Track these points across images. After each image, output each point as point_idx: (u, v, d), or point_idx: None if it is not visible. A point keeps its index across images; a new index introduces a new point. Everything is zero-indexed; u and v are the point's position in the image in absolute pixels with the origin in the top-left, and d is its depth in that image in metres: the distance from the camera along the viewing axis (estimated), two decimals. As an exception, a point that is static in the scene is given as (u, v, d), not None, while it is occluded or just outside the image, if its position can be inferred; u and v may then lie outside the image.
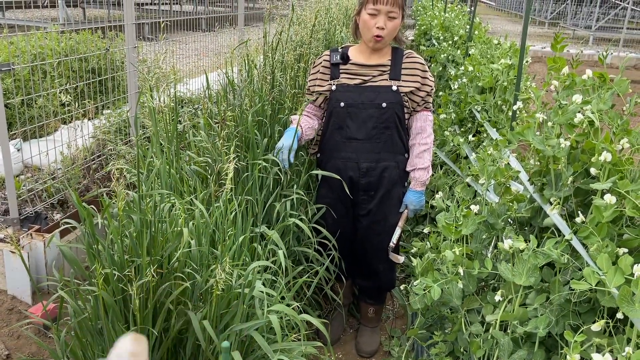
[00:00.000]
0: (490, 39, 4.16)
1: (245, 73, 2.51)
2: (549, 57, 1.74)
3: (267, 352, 1.37)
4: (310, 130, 2.25)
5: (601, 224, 1.34)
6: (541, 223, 1.73)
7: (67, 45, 3.57)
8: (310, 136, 2.26)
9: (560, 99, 1.64)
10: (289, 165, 2.14)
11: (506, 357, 1.53)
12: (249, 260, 1.72)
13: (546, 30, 16.46)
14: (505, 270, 1.51)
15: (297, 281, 1.84)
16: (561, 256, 1.40)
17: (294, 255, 2.27)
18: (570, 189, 1.59)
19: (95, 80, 3.30)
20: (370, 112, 2.13)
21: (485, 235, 1.90)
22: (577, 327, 1.42)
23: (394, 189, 2.24)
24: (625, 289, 1.13)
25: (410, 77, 2.15)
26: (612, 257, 1.27)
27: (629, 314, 1.12)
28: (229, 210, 1.78)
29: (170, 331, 1.47)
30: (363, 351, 2.41)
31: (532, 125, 1.73)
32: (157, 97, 2.07)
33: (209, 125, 2.37)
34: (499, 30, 12.43)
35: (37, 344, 2.22)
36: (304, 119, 2.25)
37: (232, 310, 1.50)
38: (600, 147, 1.37)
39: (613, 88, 1.60)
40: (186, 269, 1.55)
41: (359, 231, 2.31)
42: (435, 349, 1.88)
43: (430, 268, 1.90)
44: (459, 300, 1.75)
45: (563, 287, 1.49)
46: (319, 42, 2.70)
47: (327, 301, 2.56)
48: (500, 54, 3.34)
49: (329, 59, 2.21)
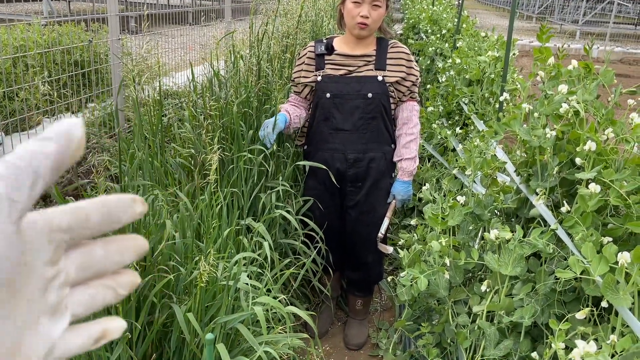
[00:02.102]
0: (478, 32, 4.16)
1: (231, 64, 2.48)
2: (536, 48, 1.74)
3: (253, 344, 1.35)
4: (297, 118, 2.23)
5: (586, 213, 1.34)
6: (527, 214, 1.73)
7: (50, 37, 3.52)
8: (297, 124, 2.24)
9: (547, 89, 1.64)
10: (270, 143, 2.11)
11: (492, 347, 1.53)
12: (234, 253, 1.70)
13: (533, 24, 16.54)
14: (491, 260, 1.51)
15: (284, 273, 1.83)
16: (547, 246, 1.40)
17: (280, 247, 2.25)
18: (556, 179, 1.59)
19: (79, 73, 3.25)
20: (356, 102, 2.12)
21: (472, 226, 1.90)
22: (562, 316, 1.42)
23: (382, 179, 2.23)
24: (610, 277, 1.13)
25: (396, 67, 2.14)
26: (596, 246, 1.27)
27: (613, 302, 1.12)
28: (214, 202, 1.76)
29: (154, 324, 1.45)
30: (351, 344, 2.40)
31: (518, 116, 1.73)
32: (141, 89, 2.04)
33: (193, 117, 2.35)
34: (486, 24, 12.46)
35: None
36: (290, 107, 2.23)
37: (217, 303, 1.48)
38: (585, 137, 1.37)
39: (598, 79, 1.61)
40: (170, 261, 1.53)
41: (347, 223, 2.30)
42: (423, 340, 1.88)
43: (417, 260, 1.90)
44: (445, 292, 1.75)
45: (549, 276, 1.49)
46: (305, 33, 2.68)
47: (315, 294, 2.56)
48: (488, 46, 3.34)
49: (314, 50, 2.19)
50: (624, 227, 1.29)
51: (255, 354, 1.41)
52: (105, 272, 0.32)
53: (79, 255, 0.31)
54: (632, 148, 1.40)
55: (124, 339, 1.34)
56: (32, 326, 0.29)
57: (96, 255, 0.32)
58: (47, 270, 0.29)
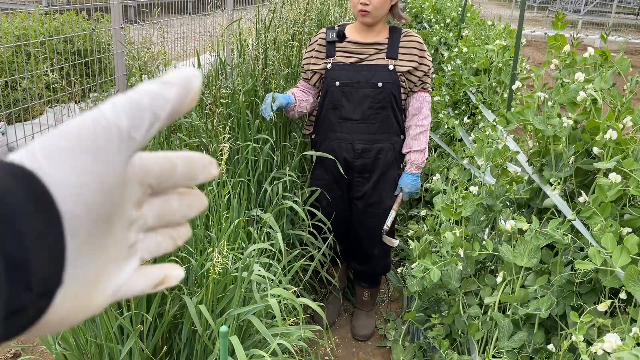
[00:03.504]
0: (484, 20, 4.12)
1: (237, 52, 2.45)
2: (550, 36, 1.71)
3: (266, 337, 1.34)
4: (303, 103, 2.19)
5: (604, 203, 1.32)
6: (540, 204, 1.71)
7: (51, 26, 3.47)
8: (303, 109, 2.20)
9: (562, 77, 1.61)
10: (268, 115, 2.06)
11: (506, 339, 1.52)
12: (245, 244, 1.68)
13: (535, 14, 16.44)
14: (506, 251, 1.49)
15: (293, 265, 1.81)
16: (564, 237, 1.38)
17: (288, 238, 2.23)
18: (570, 169, 1.56)
19: (82, 62, 3.21)
20: (366, 91, 2.09)
21: (483, 217, 1.88)
22: (578, 307, 1.41)
23: (389, 171, 2.20)
24: (632, 269, 1.11)
25: (408, 57, 2.10)
26: (616, 237, 1.25)
27: (635, 293, 1.11)
28: (223, 193, 1.74)
29: (165, 316, 1.43)
30: (359, 335, 2.39)
31: (531, 105, 1.71)
32: (148, 78, 2.01)
33: (199, 106, 2.32)
34: (489, 15, 12.38)
35: (26, 331, 2.17)
36: (298, 92, 2.20)
37: (229, 295, 1.46)
38: (605, 126, 1.35)
39: (614, 67, 1.58)
40: (180, 252, 1.51)
41: (354, 214, 2.28)
42: (433, 332, 1.87)
43: (427, 251, 1.88)
44: (457, 283, 1.73)
45: (564, 268, 1.47)
46: (311, 21, 2.64)
47: (322, 285, 2.54)
48: (495, 35, 3.31)
49: (325, 37, 2.16)
50: (644, 217, 1.27)
51: (267, 345, 1.40)
52: (174, 223, 0.34)
53: (159, 203, 0.32)
54: (651, 137, 1.38)
55: (135, 330, 1.32)
56: (113, 262, 0.30)
57: (172, 206, 0.33)
58: (133, 212, 0.30)
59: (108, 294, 0.30)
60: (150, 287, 0.32)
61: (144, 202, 0.31)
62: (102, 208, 0.27)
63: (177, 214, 0.33)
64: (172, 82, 0.29)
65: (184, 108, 0.29)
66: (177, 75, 0.29)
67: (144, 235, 0.32)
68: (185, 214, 0.34)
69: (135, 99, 0.28)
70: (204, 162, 0.33)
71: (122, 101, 0.28)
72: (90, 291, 0.28)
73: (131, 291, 0.31)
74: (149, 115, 0.28)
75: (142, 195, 0.30)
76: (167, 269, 0.33)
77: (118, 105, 0.27)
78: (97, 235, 0.27)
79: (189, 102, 0.29)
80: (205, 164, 0.33)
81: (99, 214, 0.27)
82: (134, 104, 0.28)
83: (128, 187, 0.29)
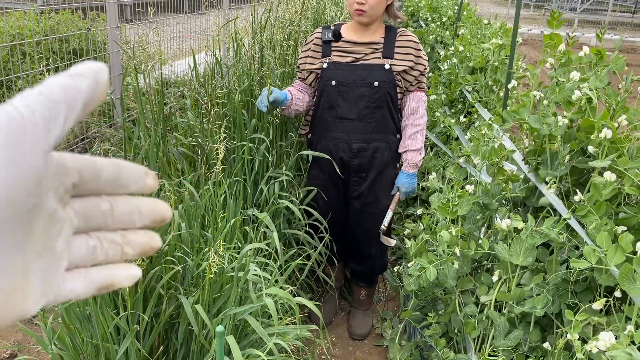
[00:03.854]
0: (480, 19, 4.12)
1: (232, 52, 2.45)
2: (545, 35, 1.71)
3: (263, 336, 1.34)
4: (300, 101, 2.19)
5: (599, 202, 1.33)
6: (536, 203, 1.71)
7: (47, 25, 3.46)
8: (299, 107, 2.20)
9: (558, 76, 1.62)
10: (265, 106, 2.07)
11: (502, 337, 1.52)
12: (241, 244, 1.68)
13: (531, 12, 16.46)
14: (502, 250, 1.49)
15: (290, 264, 1.81)
16: (559, 235, 1.39)
17: (284, 237, 2.23)
18: (566, 167, 1.57)
19: (77, 62, 3.20)
20: (362, 91, 2.09)
21: (479, 215, 1.88)
22: (574, 306, 1.41)
23: (386, 170, 2.21)
24: (627, 267, 1.11)
25: (404, 56, 2.10)
26: (611, 235, 1.26)
27: (630, 292, 1.11)
28: (219, 192, 1.73)
29: (161, 316, 1.43)
30: (355, 334, 2.40)
31: (527, 103, 1.71)
32: (144, 77, 2.01)
33: (195, 106, 2.32)
34: (485, 13, 12.39)
35: (22, 332, 2.17)
36: (294, 90, 2.20)
37: (225, 294, 1.46)
38: (600, 124, 1.35)
39: (609, 66, 1.58)
40: (177, 252, 1.51)
41: (351, 214, 2.28)
42: (430, 330, 1.87)
43: (423, 250, 1.88)
44: (454, 281, 1.74)
45: (559, 266, 1.48)
46: (307, 20, 2.64)
47: (318, 284, 2.54)
48: (491, 33, 3.31)
49: (321, 37, 2.16)
50: (639, 216, 1.28)
51: (263, 345, 1.40)
52: (113, 228, 0.32)
53: (82, 203, 0.31)
54: (646, 136, 1.38)
55: (132, 331, 1.32)
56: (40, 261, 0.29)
57: (100, 208, 0.32)
58: (56, 209, 0.29)
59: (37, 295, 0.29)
60: (92, 290, 0.32)
61: (68, 201, 0.30)
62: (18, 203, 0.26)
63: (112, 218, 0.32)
64: (82, 74, 0.29)
65: (95, 101, 0.29)
66: (86, 68, 0.29)
67: (72, 237, 0.31)
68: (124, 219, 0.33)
69: (47, 93, 0.27)
70: (138, 172, 0.33)
71: (34, 95, 0.27)
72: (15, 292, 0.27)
73: (67, 294, 0.30)
74: (63, 108, 0.28)
75: (64, 193, 0.30)
76: (113, 271, 0.32)
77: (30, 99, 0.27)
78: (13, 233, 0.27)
79: (99, 95, 0.29)
80: (139, 174, 0.33)
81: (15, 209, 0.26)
82: (46, 98, 0.27)
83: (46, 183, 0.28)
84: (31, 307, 0.29)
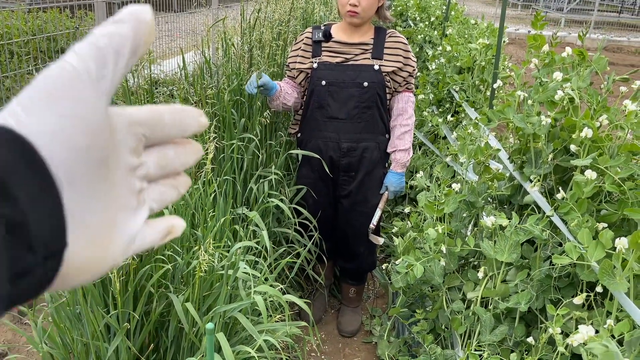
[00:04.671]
0: (468, 19, 4.16)
1: (221, 51, 2.46)
2: (529, 35, 1.74)
3: (252, 334, 1.36)
4: (289, 96, 2.20)
5: (581, 199, 1.36)
6: (521, 201, 1.75)
7: (34, 24, 3.44)
8: (288, 102, 2.21)
9: (541, 76, 1.65)
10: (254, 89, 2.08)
11: (488, 333, 1.55)
12: (231, 242, 1.69)
13: (519, 12, 16.59)
14: (487, 247, 1.52)
15: (280, 262, 1.83)
16: (542, 232, 1.42)
17: (274, 236, 2.25)
18: (550, 166, 1.60)
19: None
20: (352, 91, 2.11)
21: (466, 213, 1.91)
22: (557, 301, 1.44)
23: (375, 170, 2.23)
24: (607, 263, 1.14)
25: (393, 57, 2.13)
26: (592, 232, 1.29)
27: (609, 287, 1.14)
28: (209, 191, 1.75)
29: (151, 314, 1.44)
30: (345, 331, 2.42)
31: (512, 103, 1.74)
32: (133, 76, 2.01)
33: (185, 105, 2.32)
34: (473, 13, 12.47)
35: (13, 331, 2.17)
36: (283, 84, 2.21)
37: (215, 292, 1.48)
38: (581, 124, 1.38)
39: (592, 66, 1.62)
40: (167, 251, 1.53)
41: (340, 213, 2.30)
42: (417, 327, 1.90)
43: (411, 247, 1.91)
44: (440, 278, 1.77)
45: (543, 263, 1.51)
46: (296, 20, 2.65)
47: (308, 282, 2.56)
48: (478, 33, 3.35)
49: (311, 37, 2.18)
50: (619, 213, 1.31)
51: (253, 342, 1.42)
52: (173, 173, 0.35)
53: (156, 153, 0.33)
54: (626, 135, 1.42)
55: (122, 329, 1.33)
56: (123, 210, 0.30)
57: (169, 155, 0.34)
58: (132, 159, 0.31)
59: (123, 244, 0.30)
60: (159, 238, 0.33)
61: (142, 151, 0.32)
62: (91, 151, 0.27)
63: (176, 163, 0.34)
64: (123, 19, 0.30)
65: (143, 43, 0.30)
66: (127, 12, 0.30)
67: (148, 185, 0.33)
68: (183, 162, 0.35)
69: (93, 42, 0.28)
70: (193, 113, 0.34)
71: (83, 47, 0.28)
72: (103, 241, 0.29)
73: (145, 243, 0.32)
74: (111, 53, 0.29)
75: (137, 144, 0.31)
76: (171, 220, 0.34)
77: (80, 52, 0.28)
78: (94, 180, 0.27)
79: (146, 37, 0.30)
80: (195, 115, 0.34)
81: (89, 157, 0.27)
82: (93, 47, 0.28)
83: (118, 133, 0.29)
84: (118, 256, 0.30)
